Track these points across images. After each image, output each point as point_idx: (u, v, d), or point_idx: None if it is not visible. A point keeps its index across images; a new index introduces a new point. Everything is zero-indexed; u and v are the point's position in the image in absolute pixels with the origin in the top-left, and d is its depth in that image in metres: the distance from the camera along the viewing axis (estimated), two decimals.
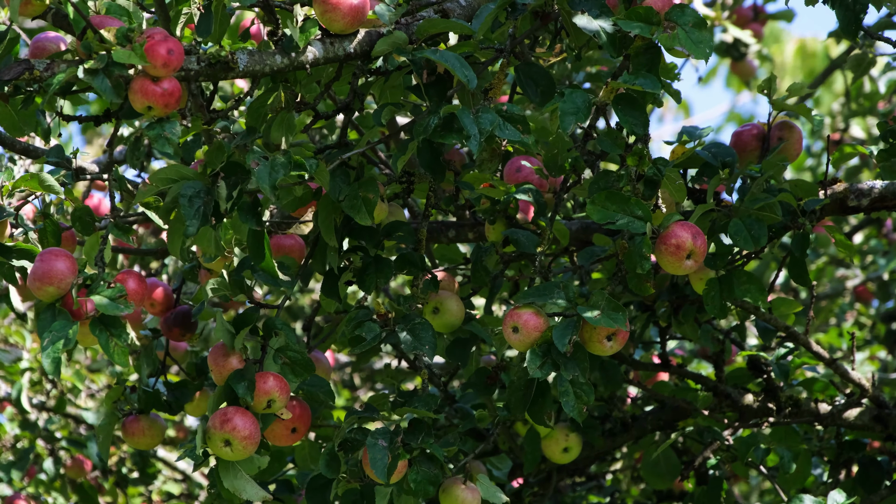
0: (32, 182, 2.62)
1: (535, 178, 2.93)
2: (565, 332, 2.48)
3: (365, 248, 2.73)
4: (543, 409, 2.61)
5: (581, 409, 2.50)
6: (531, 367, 2.49)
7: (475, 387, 2.88)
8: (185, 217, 2.44)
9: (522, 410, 2.60)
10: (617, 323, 2.47)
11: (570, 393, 2.50)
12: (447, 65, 2.47)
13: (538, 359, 2.50)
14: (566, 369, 2.50)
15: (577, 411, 2.50)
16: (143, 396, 2.99)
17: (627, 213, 2.53)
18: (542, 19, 2.65)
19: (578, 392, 2.51)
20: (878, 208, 2.90)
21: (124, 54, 2.31)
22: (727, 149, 2.78)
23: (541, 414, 2.61)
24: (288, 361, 2.60)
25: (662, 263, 2.56)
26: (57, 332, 2.40)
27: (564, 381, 2.50)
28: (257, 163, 2.43)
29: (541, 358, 2.51)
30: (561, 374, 2.50)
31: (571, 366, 2.50)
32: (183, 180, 2.49)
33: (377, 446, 2.50)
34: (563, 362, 2.50)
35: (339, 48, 2.61)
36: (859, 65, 3.54)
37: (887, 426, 3.18)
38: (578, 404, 2.50)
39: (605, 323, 2.47)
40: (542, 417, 2.61)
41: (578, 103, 2.52)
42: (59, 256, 2.48)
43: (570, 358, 2.50)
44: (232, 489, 2.50)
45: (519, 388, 2.61)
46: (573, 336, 2.49)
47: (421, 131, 2.50)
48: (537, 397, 2.61)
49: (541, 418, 2.61)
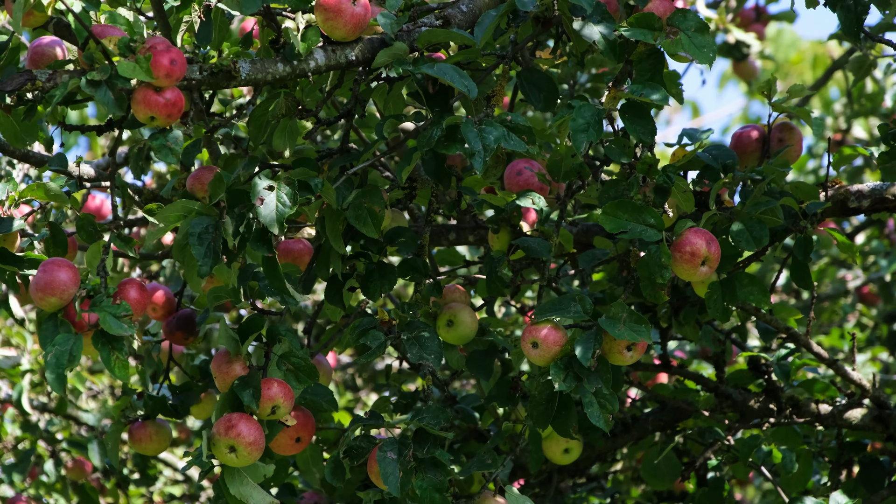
0: (39, 192, 2.62)
1: (537, 183, 2.93)
2: (588, 345, 2.48)
3: (368, 255, 2.73)
4: (569, 422, 2.59)
5: (607, 419, 2.50)
6: (556, 380, 2.48)
7: (498, 399, 2.88)
8: (196, 258, 2.43)
9: (546, 424, 2.59)
10: (641, 336, 2.47)
11: (595, 404, 2.50)
12: (445, 79, 2.46)
13: (561, 372, 2.50)
14: (589, 382, 2.50)
15: (604, 421, 2.50)
16: (149, 402, 3.00)
17: (639, 222, 2.52)
18: (544, 25, 2.65)
19: (603, 402, 2.50)
20: (878, 210, 2.90)
21: (128, 67, 2.30)
22: (728, 151, 2.77)
23: (566, 426, 2.60)
24: (292, 368, 2.60)
25: (677, 271, 2.56)
26: (60, 347, 2.39)
27: (588, 394, 2.49)
28: (262, 199, 2.42)
29: (564, 371, 2.50)
30: (584, 387, 2.49)
31: (594, 378, 2.50)
32: (191, 215, 2.47)
33: (387, 459, 2.50)
34: (586, 375, 2.50)
35: (341, 56, 2.60)
36: (860, 66, 3.54)
37: (888, 427, 3.19)
38: (604, 414, 2.50)
39: (629, 337, 2.47)
40: (568, 430, 2.60)
41: (588, 118, 2.51)
42: (61, 267, 2.48)
43: (592, 370, 2.50)
44: (238, 496, 2.50)
45: (540, 402, 2.59)
46: (597, 349, 2.49)
47: (425, 143, 2.49)
48: (560, 410, 2.59)
49: (566, 431, 2.59)
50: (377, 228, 2.61)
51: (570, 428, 2.60)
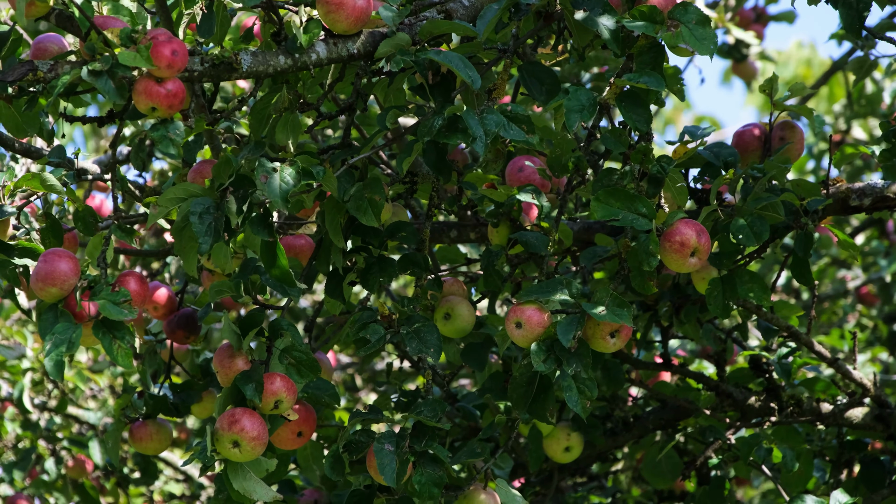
0: (34, 182, 2.61)
1: (537, 178, 2.93)
2: (570, 327, 2.48)
3: (368, 249, 2.73)
4: (546, 406, 2.59)
5: (584, 405, 2.49)
6: (535, 360, 2.48)
7: (492, 391, 2.87)
8: (197, 234, 2.43)
9: (524, 407, 2.59)
10: (622, 319, 2.47)
11: (574, 388, 2.49)
12: (451, 66, 2.47)
13: (542, 353, 2.49)
14: (568, 364, 2.49)
15: (581, 406, 2.49)
16: (150, 402, 2.99)
17: (631, 210, 2.52)
18: (546, 19, 2.65)
19: (581, 387, 2.50)
20: (879, 208, 2.90)
21: (129, 56, 2.30)
22: (729, 148, 2.78)
23: (543, 411, 2.59)
24: (294, 362, 2.59)
25: (666, 261, 2.55)
26: (60, 335, 2.39)
27: (567, 377, 2.49)
28: (266, 176, 2.42)
29: (545, 352, 2.50)
30: (563, 369, 2.49)
31: (574, 361, 2.49)
32: (191, 198, 2.48)
33: (384, 451, 2.50)
34: (566, 357, 2.49)
35: (343, 49, 2.61)
36: (861, 67, 3.54)
37: (889, 426, 3.19)
38: (582, 399, 2.49)
39: (609, 318, 2.46)
40: (545, 414, 2.59)
41: (583, 101, 2.52)
42: (62, 257, 2.48)
43: (573, 353, 2.49)
44: (242, 490, 2.49)
45: (521, 384, 2.60)
46: (578, 332, 2.48)
47: (426, 132, 2.49)
48: (539, 394, 2.59)
49: (543, 415, 2.59)
50: (377, 218, 2.61)
51: (546, 412, 2.59)
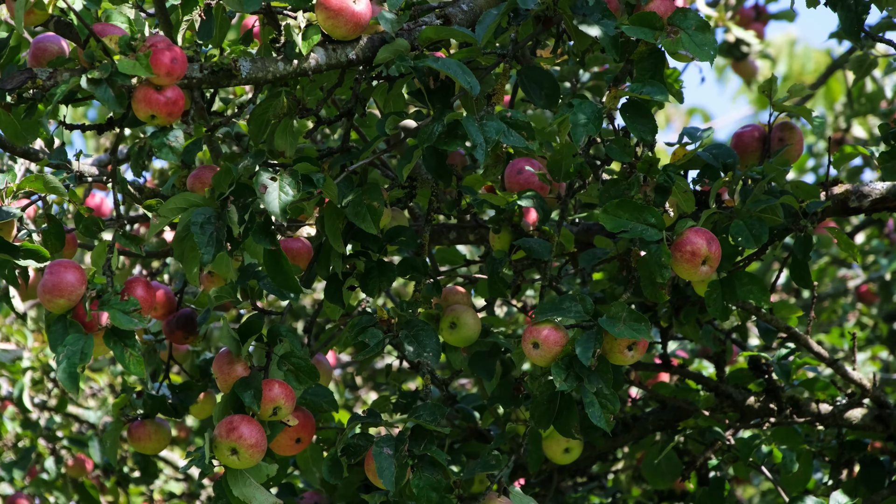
0: (37, 183, 2.61)
1: (537, 182, 2.92)
2: (588, 345, 2.48)
3: (368, 253, 2.73)
4: (570, 422, 2.60)
5: (608, 419, 2.50)
6: (557, 380, 2.48)
7: (501, 400, 2.87)
8: (198, 245, 2.42)
9: (548, 424, 2.59)
10: (641, 334, 2.48)
11: (596, 404, 2.50)
12: (449, 73, 2.46)
13: (562, 372, 2.50)
14: (590, 382, 2.50)
15: (605, 421, 2.50)
16: (149, 401, 2.99)
17: (640, 221, 2.52)
18: (545, 24, 2.64)
19: (604, 402, 2.50)
20: (878, 209, 2.90)
21: (129, 64, 2.30)
22: (728, 150, 2.77)
23: (568, 426, 2.60)
24: (292, 368, 2.59)
25: (678, 270, 2.55)
26: (72, 347, 2.40)
27: (589, 393, 2.49)
28: (265, 186, 2.42)
29: (565, 371, 2.50)
30: (585, 387, 2.49)
31: (595, 377, 2.50)
32: (192, 207, 2.47)
33: (383, 455, 2.50)
34: (587, 374, 2.50)
35: (342, 54, 2.60)
36: (860, 66, 3.54)
37: (888, 426, 3.19)
38: (605, 414, 2.50)
39: (628, 335, 2.47)
40: (570, 430, 2.60)
41: (588, 114, 2.51)
42: (67, 268, 2.48)
43: (592, 370, 2.50)
44: (242, 497, 2.50)
45: (542, 402, 2.60)
46: (597, 349, 2.49)
47: (425, 138, 2.49)
48: (562, 410, 2.59)
49: (568, 431, 2.60)
50: (376, 224, 2.61)
51: (571, 428, 2.60)
